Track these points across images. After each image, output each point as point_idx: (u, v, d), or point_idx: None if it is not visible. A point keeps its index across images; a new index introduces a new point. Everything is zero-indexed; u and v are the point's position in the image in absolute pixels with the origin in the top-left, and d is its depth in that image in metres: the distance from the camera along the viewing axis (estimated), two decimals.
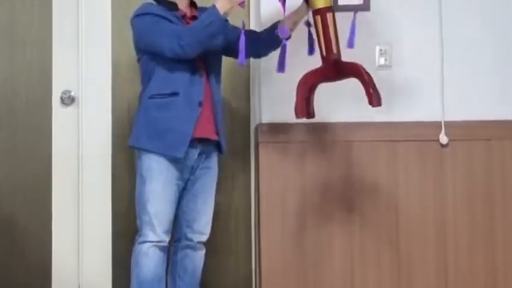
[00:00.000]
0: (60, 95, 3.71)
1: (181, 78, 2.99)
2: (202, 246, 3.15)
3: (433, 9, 3.49)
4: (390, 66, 3.48)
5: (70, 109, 3.72)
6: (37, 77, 3.73)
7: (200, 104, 2.99)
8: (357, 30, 3.08)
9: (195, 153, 3.05)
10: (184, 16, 3.09)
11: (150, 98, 3.04)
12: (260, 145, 3.47)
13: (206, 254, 3.21)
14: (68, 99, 3.71)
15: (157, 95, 3.02)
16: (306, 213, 3.41)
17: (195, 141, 3.02)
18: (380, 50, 3.47)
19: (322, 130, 3.26)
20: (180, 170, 3.03)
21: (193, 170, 3.08)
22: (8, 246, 3.70)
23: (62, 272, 3.71)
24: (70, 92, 3.71)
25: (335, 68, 2.99)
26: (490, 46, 3.49)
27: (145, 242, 3.00)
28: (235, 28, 3.11)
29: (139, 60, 3.13)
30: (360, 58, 3.42)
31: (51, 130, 3.71)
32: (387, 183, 3.44)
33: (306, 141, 3.44)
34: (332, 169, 3.43)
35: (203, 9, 3.10)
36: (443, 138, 3.42)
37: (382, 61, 3.47)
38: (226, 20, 2.98)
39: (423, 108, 3.46)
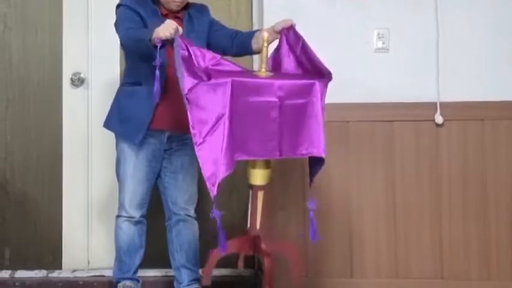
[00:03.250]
0: (70, 76, 3.80)
1: (145, 69, 3.02)
2: (192, 219, 3.25)
3: None
4: (388, 49, 3.55)
5: (80, 90, 3.81)
6: (48, 59, 3.82)
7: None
8: (315, 224, 2.87)
9: (163, 137, 3.17)
10: (166, 15, 3.12)
11: (122, 85, 3.23)
12: None
13: (208, 231, 3.33)
14: (78, 81, 3.80)
15: (126, 83, 3.19)
16: (306, 192, 3.47)
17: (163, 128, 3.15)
18: (378, 34, 3.55)
19: None
20: (152, 152, 3.17)
21: (167, 151, 3.20)
22: (21, 221, 3.80)
23: (72, 247, 3.81)
24: (80, 73, 3.81)
25: (254, 243, 2.98)
26: (484, 30, 3.55)
27: (119, 216, 3.23)
28: (220, 27, 3.24)
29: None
30: (359, 41, 3.57)
31: (62, 110, 3.81)
32: (384, 161, 3.53)
33: None
34: (331, 148, 3.51)
35: (195, 7, 3.21)
36: (439, 118, 3.50)
37: (380, 44, 3.56)
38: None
39: (419, 90, 3.53)
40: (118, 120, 3.18)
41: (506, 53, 3.56)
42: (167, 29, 2.77)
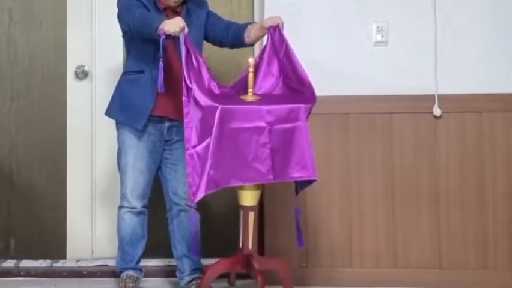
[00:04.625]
0: (74, 69, 3.85)
1: (148, 58, 3.12)
2: (193, 209, 3.24)
3: None
4: (387, 43, 3.59)
5: (84, 83, 3.86)
6: (53, 52, 3.87)
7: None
8: (302, 232, 3.09)
9: (163, 127, 3.23)
10: (165, 9, 3.18)
11: (124, 74, 3.29)
12: None
13: (209, 224, 3.38)
14: (81, 74, 3.85)
15: (129, 71, 3.25)
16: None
17: (163, 117, 3.21)
18: (377, 27, 3.58)
19: (321, 103, 3.33)
20: (152, 143, 3.23)
21: (167, 142, 3.26)
22: (25, 212, 3.85)
23: (76, 237, 3.86)
24: (84, 66, 3.85)
25: (247, 262, 3.06)
26: (481, 23, 3.58)
27: (121, 207, 3.29)
28: (216, 19, 3.29)
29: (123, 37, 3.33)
30: (358, 35, 3.61)
31: (66, 103, 3.85)
32: (383, 153, 3.57)
33: None
34: (331, 140, 3.57)
35: (194, 1, 3.25)
36: (437, 111, 3.53)
37: (379, 37, 3.59)
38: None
39: (417, 82, 3.56)
40: (120, 107, 3.23)
41: (504, 46, 3.58)
42: (174, 25, 2.85)
